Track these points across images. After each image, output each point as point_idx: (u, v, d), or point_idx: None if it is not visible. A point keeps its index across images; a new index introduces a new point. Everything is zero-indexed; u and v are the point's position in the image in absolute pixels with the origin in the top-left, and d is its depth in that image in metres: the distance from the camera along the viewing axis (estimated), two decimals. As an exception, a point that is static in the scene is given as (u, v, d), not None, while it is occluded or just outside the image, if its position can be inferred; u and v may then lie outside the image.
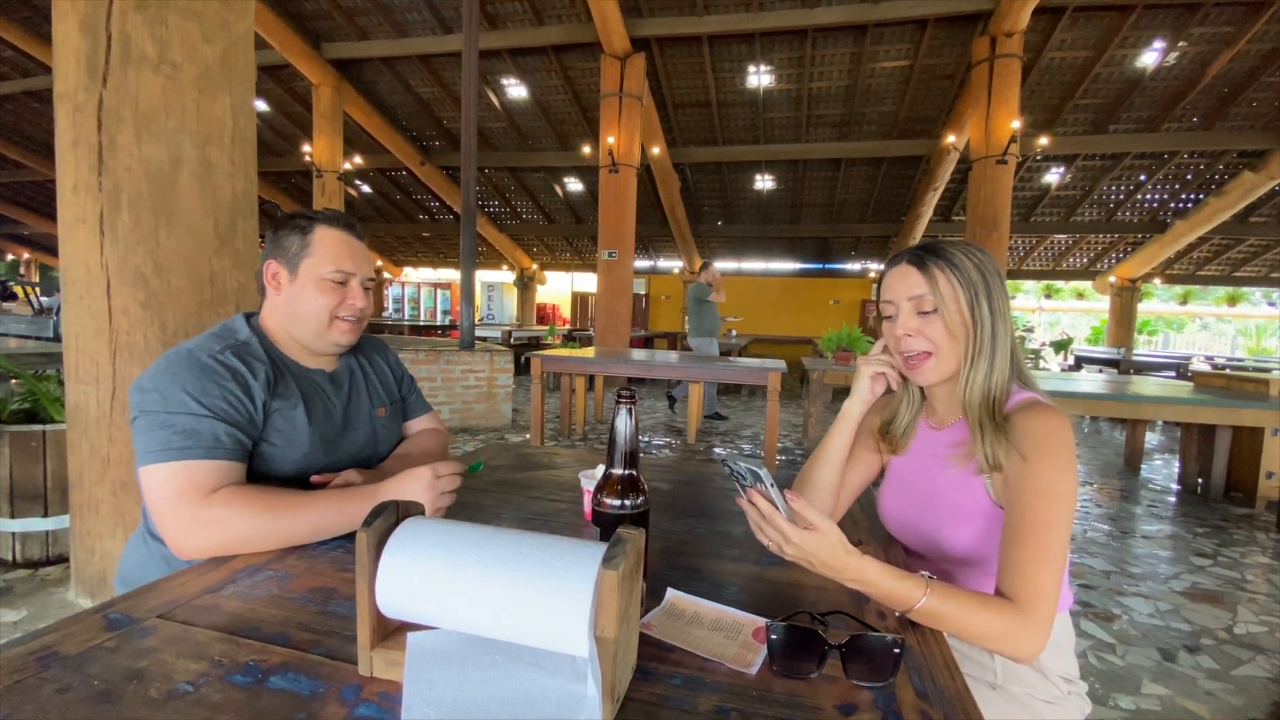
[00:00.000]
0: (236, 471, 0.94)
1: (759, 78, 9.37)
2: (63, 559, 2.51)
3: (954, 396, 1.00)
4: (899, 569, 0.75)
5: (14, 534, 2.46)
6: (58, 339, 6.72)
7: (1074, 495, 0.82)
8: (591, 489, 1.05)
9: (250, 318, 1.12)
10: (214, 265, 2.12)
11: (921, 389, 1.06)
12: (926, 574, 0.76)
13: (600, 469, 1.04)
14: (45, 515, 2.47)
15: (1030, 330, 19.66)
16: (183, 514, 0.87)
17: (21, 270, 21.58)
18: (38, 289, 9.81)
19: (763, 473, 0.74)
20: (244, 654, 0.63)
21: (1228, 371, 5.46)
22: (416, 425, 1.32)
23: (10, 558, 2.48)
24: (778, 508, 0.75)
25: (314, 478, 1.03)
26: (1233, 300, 20.28)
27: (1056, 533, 0.79)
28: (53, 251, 18.71)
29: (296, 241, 1.08)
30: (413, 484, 0.94)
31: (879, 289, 1.01)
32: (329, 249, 1.08)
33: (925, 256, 0.94)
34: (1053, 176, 11.35)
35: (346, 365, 1.20)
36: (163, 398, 0.93)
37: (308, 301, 1.07)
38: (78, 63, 1.94)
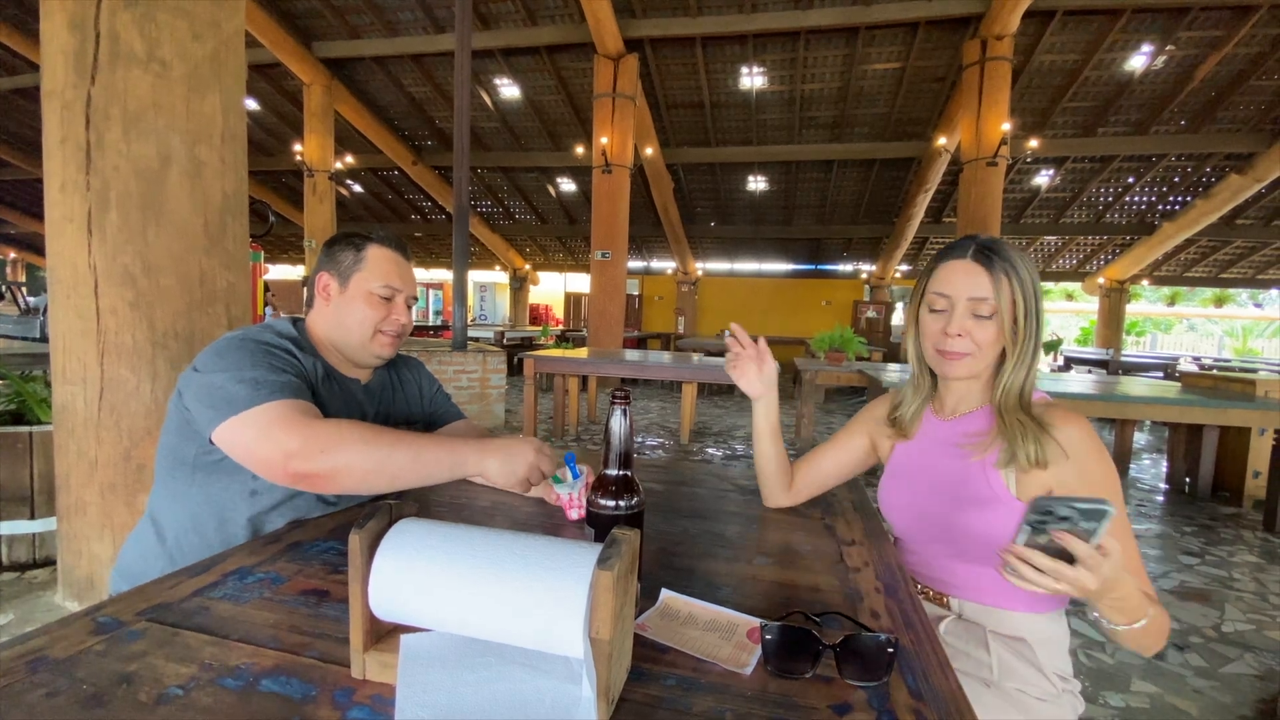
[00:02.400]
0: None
1: (751, 79, 9.40)
2: (50, 562, 2.48)
3: (969, 390, 1.02)
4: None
5: (0, 537, 2.43)
6: (44, 339, 6.65)
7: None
8: (565, 495, 1.06)
9: (296, 323, 1.15)
10: (204, 265, 2.10)
11: (932, 378, 1.07)
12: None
13: (562, 473, 1.05)
14: (32, 518, 2.44)
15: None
16: (296, 430, 0.89)
17: (8, 270, 21.34)
18: (24, 289, 9.69)
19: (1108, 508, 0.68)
20: (234, 657, 0.62)
21: (1215, 372, 5.51)
22: (460, 430, 1.34)
23: (-4, 561, 2.45)
24: (1090, 540, 0.70)
25: None
26: (1219, 301, 20.50)
27: (1129, 525, 0.89)
28: (40, 251, 18.51)
29: (350, 256, 1.13)
30: (521, 446, 0.94)
31: (928, 277, 0.99)
32: (380, 266, 1.13)
33: (993, 258, 0.93)
34: (1042, 178, 11.45)
35: (380, 380, 1.24)
36: (235, 363, 0.96)
37: (355, 313, 1.12)
38: (66, 60, 1.92)
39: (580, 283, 17.85)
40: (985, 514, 0.95)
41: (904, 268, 14.73)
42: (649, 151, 10.19)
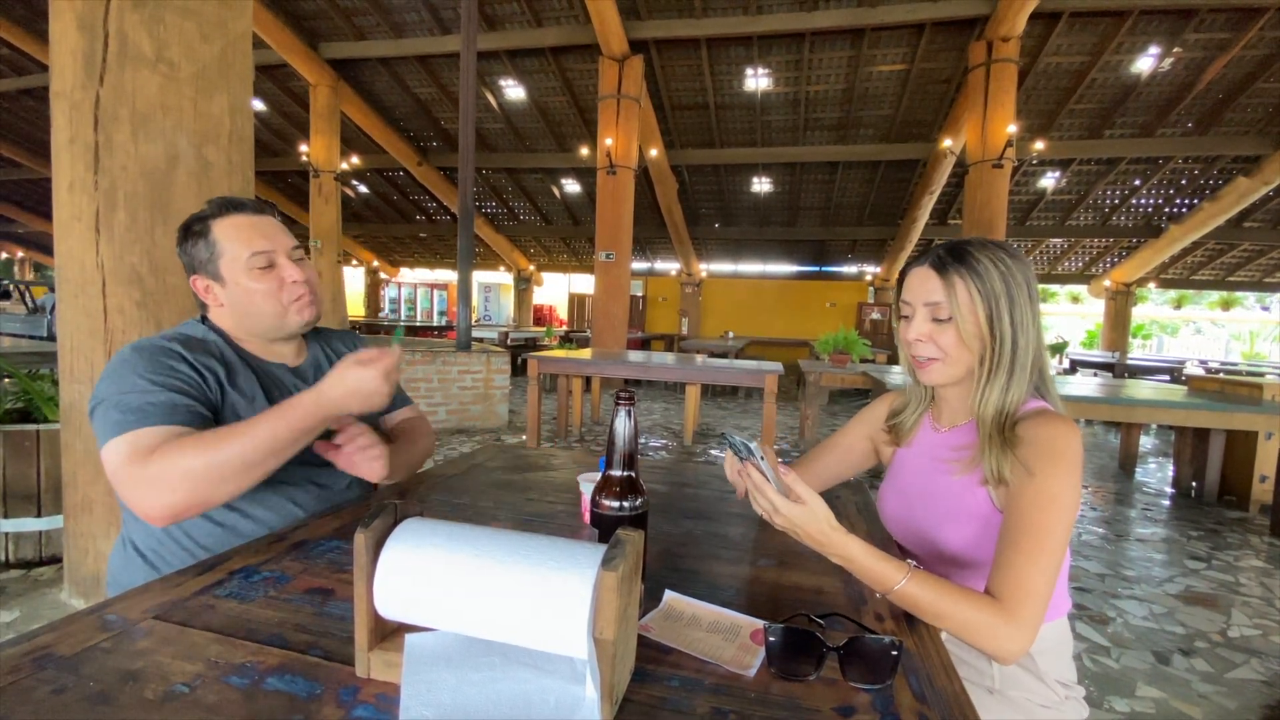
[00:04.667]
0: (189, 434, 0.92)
1: (756, 80, 9.40)
2: (56, 559, 2.50)
3: (963, 400, 1.00)
4: (882, 551, 0.77)
5: (7, 534, 2.44)
6: (52, 338, 6.69)
7: (1074, 503, 0.81)
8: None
9: (205, 319, 1.10)
10: (210, 265, 2.11)
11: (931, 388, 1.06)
12: (913, 562, 0.77)
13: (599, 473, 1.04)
14: (39, 515, 2.45)
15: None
16: (132, 477, 0.86)
17: (15, 268, 21.47)
18: (28, 290, 9.75)
19: (754, 445, 0.78)
20: (240, 655, 0.62)
21: (1221, 375, 5.48)
22: (398, 417, 1.32)
23: (3, 558, 2.46)
24: (769, 480, 0.78)
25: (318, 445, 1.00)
26: (1226, 304, 20.39)
27: (1052, 537, 0.79)
28: (48, 250, 18.62)
29: (203, 247, 1.04)
30: (356, 369, 0.91)
31: (899, 285, 1.00)
32: (236, 237, 1.03)
33: (948, 261, 0.91)
34: (1048, 180, 11.41)
35: (313, 358, 1.18)
36: (116, 385, 0.93)
37: (251, 295, 1.04)
38: (74, 61, 1.93)
39: (584, 284, 17.86)
40: (970, 528, 0.94)
41: (909, 270, 14.70)
42: (653, 153, 10.20)
